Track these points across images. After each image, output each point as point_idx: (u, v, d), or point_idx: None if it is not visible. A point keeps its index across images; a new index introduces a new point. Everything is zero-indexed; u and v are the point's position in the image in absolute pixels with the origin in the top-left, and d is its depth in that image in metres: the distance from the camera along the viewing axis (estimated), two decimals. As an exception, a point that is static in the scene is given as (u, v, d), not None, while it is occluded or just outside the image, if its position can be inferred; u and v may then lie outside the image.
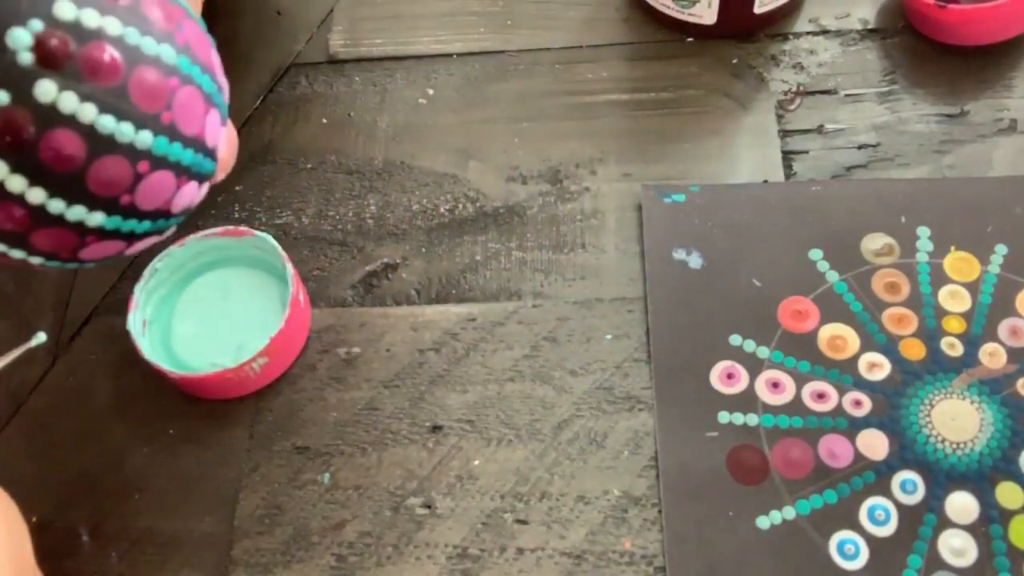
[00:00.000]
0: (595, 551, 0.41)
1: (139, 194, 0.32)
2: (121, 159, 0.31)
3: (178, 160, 0.33)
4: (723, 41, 0.55)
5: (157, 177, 0.32)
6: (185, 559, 0.43)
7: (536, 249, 0.49)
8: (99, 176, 0.31)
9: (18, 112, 0.29)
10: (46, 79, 0.29)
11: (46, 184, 0.30)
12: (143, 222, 0.34)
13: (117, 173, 0.31)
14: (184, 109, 0.32)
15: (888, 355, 0.44)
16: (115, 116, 0.30)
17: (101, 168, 0.31)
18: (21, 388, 0.48)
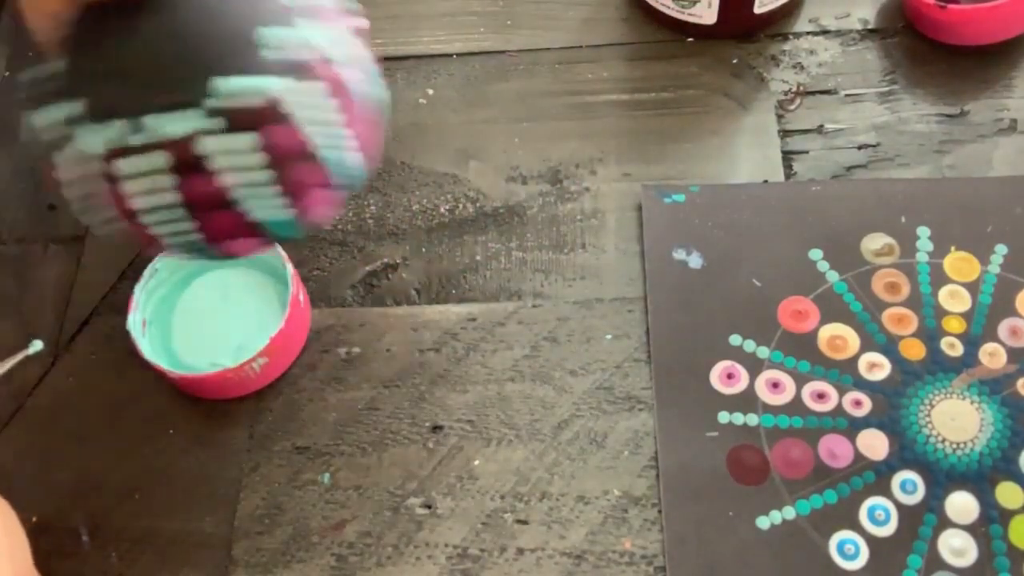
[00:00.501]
0: (595, 551, 0.41)
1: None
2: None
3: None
4: (723, 41, 0.55)
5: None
6: (185, 559, 0.43)
7: (536, 249, 0.49)
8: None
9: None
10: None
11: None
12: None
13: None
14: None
15: (888, 355, 0.44)
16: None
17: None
18: (21, 388, 0.48)
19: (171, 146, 0.32)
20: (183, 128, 0.32)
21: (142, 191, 0.33)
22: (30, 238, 0.52)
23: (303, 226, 0.36)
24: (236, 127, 0.32)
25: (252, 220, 0.35)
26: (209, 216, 0.34)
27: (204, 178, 0.33)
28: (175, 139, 0.32)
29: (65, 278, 0.51)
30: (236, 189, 0.34)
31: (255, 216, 0.35)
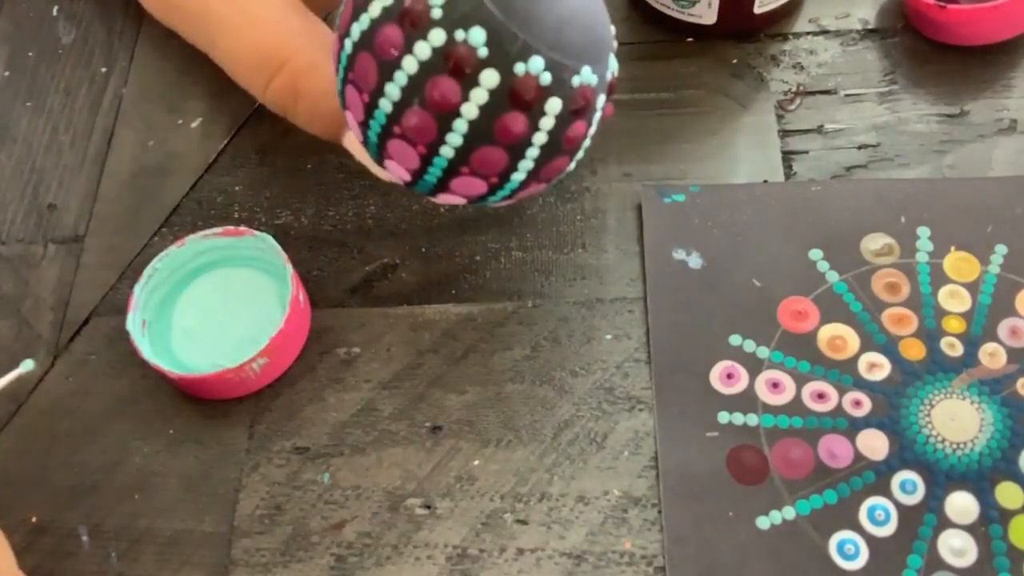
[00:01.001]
0: (595, 551, 0.41)
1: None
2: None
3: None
4: (723, 41, 0.55)
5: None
6: (185, 559, 0.43)
7: (536, 249, 0.49)
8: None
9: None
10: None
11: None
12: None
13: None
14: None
15: (888, 355, 0.44)
16: None
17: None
18: (20, 388, 0.48)
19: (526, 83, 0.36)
20: (589, 80, 0.37)
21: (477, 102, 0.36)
22: (30, 238, 0.52)
23: (502, 204, 0.42)
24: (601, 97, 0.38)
25: (515, 175, 0.38)
26: (489, 150, 0.37)
27: (529, 120, 0.36)
28: (564, 83, 0.36)
29: (65, 278, 0.51)
30: (534, 144, 0.37)
31: (521, 174, 0.38)
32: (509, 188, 0.39)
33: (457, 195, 0.40)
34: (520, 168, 0.38)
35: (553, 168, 0.39)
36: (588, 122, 0.38)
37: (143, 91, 0.57)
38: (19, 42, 0.60)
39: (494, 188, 0.39)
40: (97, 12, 0.61)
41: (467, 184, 0.39)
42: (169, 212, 0.52)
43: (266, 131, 0.55)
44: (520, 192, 0.40)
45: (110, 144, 0.55)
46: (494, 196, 0.40)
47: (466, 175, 0.38)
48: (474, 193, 0.39)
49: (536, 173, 0.39)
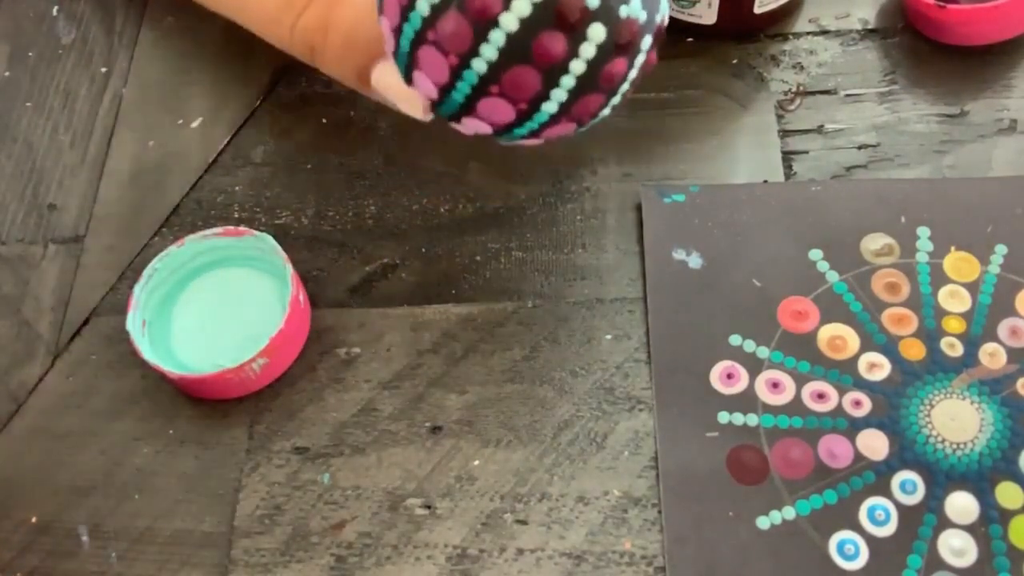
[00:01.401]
0: (595, 551, 0.41)
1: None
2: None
3: None
4: (723, 41, 0.55)
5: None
6: (185, 559, 0.43)
7: (536, 249, 0.49)
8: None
9: None
10: None
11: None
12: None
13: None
14: None
15: (888, 355, 0.44)
16: None
17: None
18: (21, 388, 0.48)
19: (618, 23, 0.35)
20: (637, 15, 0.35)
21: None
22: (30, 238, 0.52)
23: (529, 142, 0.40)
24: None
25: (546, 104, 0.36)
26: (524, 70, 0.35)
27: (570, 42, 0.35)
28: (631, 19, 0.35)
29: (65, 278, 0.51)
30: (571, 72, 0.35)
31: (553, 104, 0.36)
32: (538, 120, 0.37)
33: (483, 120, 0.38)
34: (552, 97, 0.36)
35: (587, 105, 0.37)
36: (630, 61, 0.36)
37: (143, 91, 0.57)
38: (19, 42, 0.60)
39: (522, 117, 0.37)
40: (97, 12, 0.61)
41: (495, 107, 0.37)
42: (169, 212, 0.52)
43: (266, 131, 0.55)
44: (548, 128, 0.38)
45: (110, 144, 0.55)
46: (520, 128, 0.38)
47: (495, 96, 0.36)
48: (501, 120, 0.37)
49: (568, 107, 0.36)
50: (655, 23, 0.37)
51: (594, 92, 0.37)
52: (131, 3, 0.61)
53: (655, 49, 0.38)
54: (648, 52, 0.37)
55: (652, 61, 0.38)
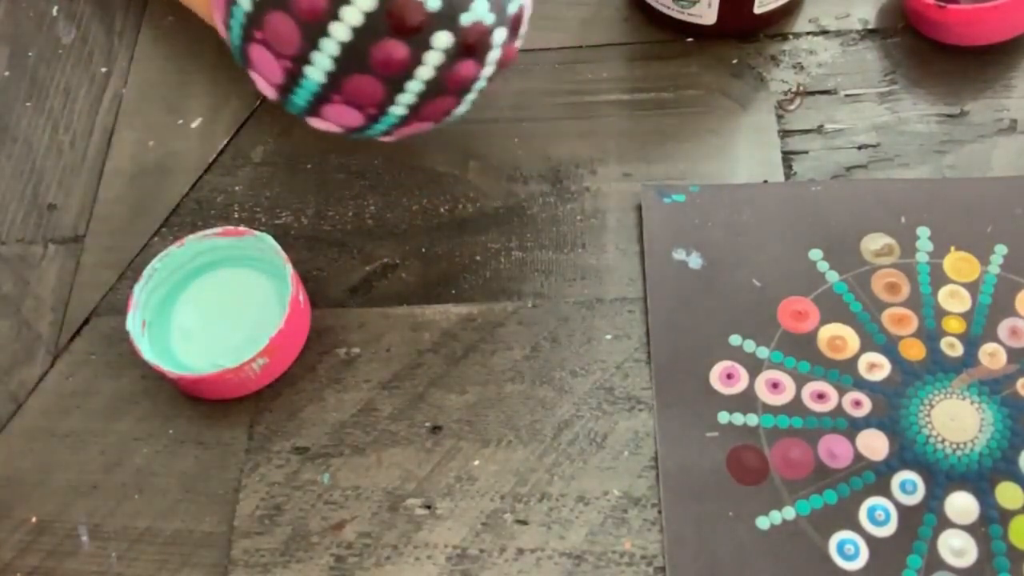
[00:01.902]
0: (595, 551, 0.41)
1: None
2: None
3: None
4: (723, 41, 0.55)
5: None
6: (185, 559, 0.43)
7: (536, 249, 0.49)
8: None
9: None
10: None
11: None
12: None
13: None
14: None
15: (888, 355, 0.44)
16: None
17: None
18: (21, 388, 0.48)
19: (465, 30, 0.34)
20: (482, 17, 0.35)
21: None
22: (30, 238, 0.52)
23: (384, 139, 0.41)
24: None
25: (393, 109, 0.36)
26: (435, 99, 0.36)
27: (412, 50, 0.34)
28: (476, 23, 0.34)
29: (64, 278, 0.51)
30: (417, 79, 0.35)
31: (401, 108, 0.36)
32: (387, 123, 0.36)
33: (330, 122, 0.37)
34: (400, 102, 0.35)
35: (438, 107, 0.36)
36: (481, 61, 0.35)
37: (143, 91, 0.57)
38: (19, 42, 0.60)
39: (371, 120, 0.36)
40: (97, 12, 0.61)
41: (340, 113, 0.36)
42: (169, 212, 0.52)
43: (266, 131, 0.55)
44: (401, 129, 0.37)
45: (110, 144, 0.55)
46: (371, 130, 0.37)
47: (338, 103, 0.35)
48: (349, 124, 0.36)
49: (418, 111, 0.36)
50: (507, 17, 0.35)
51: (445, 95, 0.36)
52: (131, 3, 0.61)
53: (514, 41, 0.37)
54: (504, 47, 0.36)
55: (510, 55, 0.37)
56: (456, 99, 0.36)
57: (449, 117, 0.37)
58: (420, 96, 0.35)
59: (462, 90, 0.36)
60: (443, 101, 0.36)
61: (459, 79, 0.35)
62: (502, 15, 0.35)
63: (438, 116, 0.37)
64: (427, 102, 0.35)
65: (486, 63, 0.35)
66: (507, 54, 0.36)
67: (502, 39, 0.35)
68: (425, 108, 0.36)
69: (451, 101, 0.36)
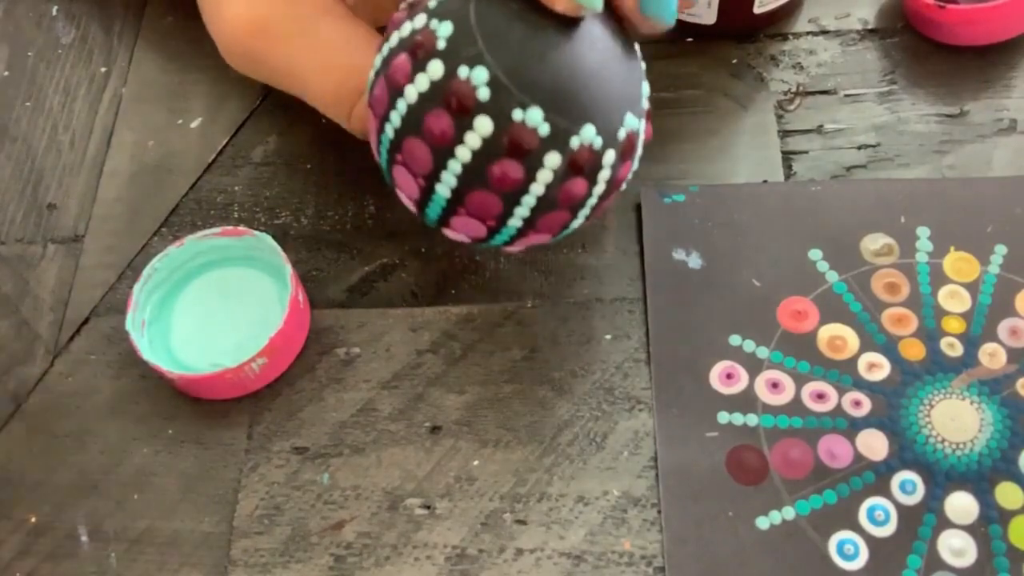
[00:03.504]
0: (594, 551, 0.41)
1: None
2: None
3: None
4: (723, 41, 0.55)
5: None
6: (184, 559, 0.43)
7: (536, 249, 0.49)
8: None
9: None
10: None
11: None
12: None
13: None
14: None
15: (888, 355, 0.44)
16: None
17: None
18: (20, 388, 0.48)
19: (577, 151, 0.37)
20: (591, 140, 0.37)
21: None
22: (29, 238, 0.52)
23: (512, 250, 0.45)
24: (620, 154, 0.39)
25: (511, 221, 0.39)
26: (548, 213, 0.38)
27: (526, 169, 0.37)
28: (588, 146, 0.37)
29: (64, 278, 0.51)
30: (530, 194, 0.38)
31: (517, 220, 0.39)
32: (507, 234, 0.40)
33: (459, 232, 0.41)
34: (516, 215, 0.38)
35: (552, 221, 0.39)
36: (591, 180, 0.38)
37: (143, 91, 0.57)
38: (19, 42, 0.60)
39: (492, 232, 0.40)
40: (96, 12, 0.61)
41: (466, 224, 0.39)
42: (169, 212, 0.52)
43: (266, 131, 0.55)
44: (520, 240, 0.40)
45: (110, 144, 0.55)
46: (493, 240, 0.40)
47: (463, 215, 0.39)
48: (473, 234, 0.40)
49: (533, 223, 0.39)
50: (619, 139, 0.38)
51: (557, 210, 0.39)
52: (131, 3, 0.61)
53: (626, 162, 0.39)
54: (615, 167, 0.39)
55: (623, 175, 0.40)
56: (569, 214, 0.39)
57: (566, 229, 0.40)
58: (533, 210, 0.38)
59: (574, 206, 0.39)
60: (556, 215, 0.39)
61: (570, 196, 0.38)
62: (612, 139, 0.38)
63: (554, 229, 0.40)
64: (541, 216, 0.38)
65: (596, 182, 0.38)
66: (619, 174, 0.39)
67: (611, 161, 0.38)
68: (540, 221, 0.39)
69: (564, 215, 0.39)
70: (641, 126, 0.40)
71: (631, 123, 0.39)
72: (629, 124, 0.38)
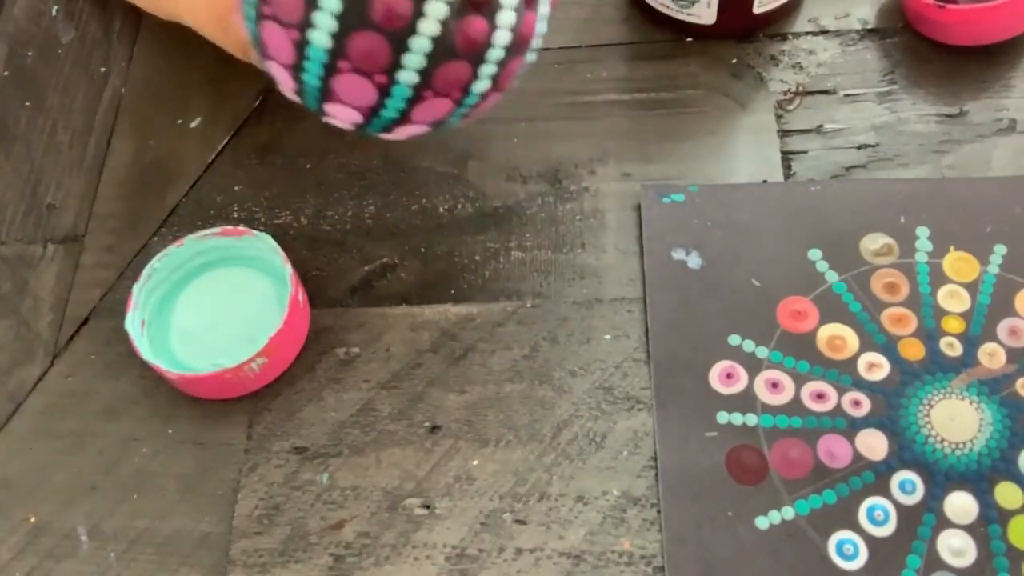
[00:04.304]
0: (594, 551, 0.41)
1: None
2: None
3: None
4: (722, 41, 0.55)
5: None
6: (183, 559, 0.43)
7: (535, 249, 0.49)
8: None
9: None
10: None
11: None
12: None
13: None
14: None
15: (887, 355, 0.44)
16: None
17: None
18: (20, 388, 0.48)
19: None
20: None
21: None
22: (29, 238, 0.52)
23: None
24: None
25: (477, 85, 0.35)
26: (454, 65, 0.34)
27: (488, 19, 0.33)
28: None
29: (64, 278, 0.51)
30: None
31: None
32: (401, 97, 0.35)
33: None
34: (408, 65, 0.33)
35: (451, 76, 0.35)
36: (491, 21, 0.34)
37: (142, 91, 0.57)
38: (18, 42, 0.60)
39: (383, 95, 0.35)
40: (96, 12, 0.61)
41: (351, 86, 0.34)
42: (169, 212, 0.52)
43: (266, 131, 0.55)
44: (417, 108, 0.35)
45: (109, 144, 0.55)
46: (385, 110, 0.36)
47: (347, 73, 0.34)
48: (361, 101, 0.35)
49: (430, 79, 0.34)
50: None
51: (455, 59, 0.34)
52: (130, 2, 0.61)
53: (533, 11, 0.35)
54: (518, 12, 0.34)
55: (528, 29, 0.35)
56: (469, 67, 0.35)
57: (468, 98, 0.36)
58: (429, 57, 0.34)
59: (474, 55, 0.34)
60: (455, 67, 0.34)
61: (468, 39, 0.33)
62: None
63: (454, 90, 0.35)
64: (438, 66, 0.34)
65: (498, 25, 0.34)
66: (525, 25, 0.35)
67: (513, 1, 0.34)
68: (437, 75, 0.34)
69: (464, 69, 0.35)
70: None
71: None
72: None
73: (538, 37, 0.36)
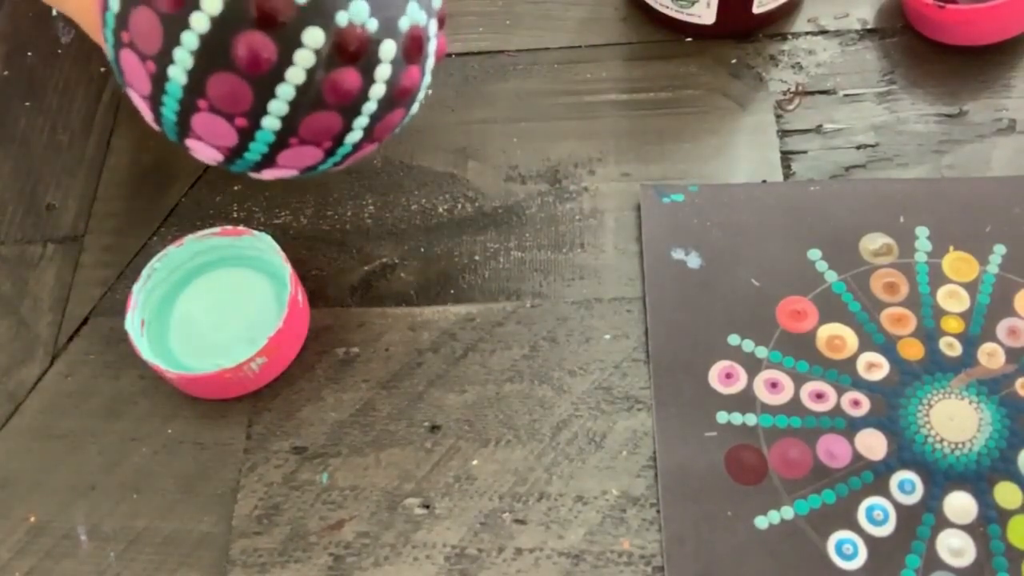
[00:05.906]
0: (593, 551, 0.41)
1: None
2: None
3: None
4: (722, 41, 0.55)
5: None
6: (183, 559, 0.43)
7: (535, 249, 0.49)
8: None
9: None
10: None
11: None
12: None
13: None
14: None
15: (887, 355, 0.44)
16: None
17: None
18: (19, 388, 0.48)
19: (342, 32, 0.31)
20: (418, 19, 0.33)
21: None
22: (28, 238, 0.52)
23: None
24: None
25: (350, 136, 0.34)
26: (321, 116, 0.33)
27: (363, 73, 0.32)
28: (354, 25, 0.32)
29: (63, 278, 0.51)
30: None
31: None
32: (263, 140, 0.33)
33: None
34: (271, 110, 0.32)
35: (318, 125, 0.33)
36: (366, 75, 0.32)
37: (142, 91, 0.57)
38: (18, 42, 0.60)
39: (244, 137, 0.33)
40: (96, 12, 0.61)
41: (210, 125, 0.33)
42: (168, 212, 0.52)
43: (265, 131, 0.55)
44: (281, 153, 0.34)
45: (109, 144, 0.55)
46: (248, 152, 0.34)
47: (205, 112, 0.32)
48: (220, 141, 0.34)
49: (294, 126, 0.33)
50: (400, 32, 0.32)
51: (323, 110, 0.33)
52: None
53: (416, 65, 0.34)
54: (396, 66, 0.33)
55: (409, 83, 0.34)
56: (340, 118, 0.33)
57: (341, 149, 0.34)
58: (293, 105, 0.32)
59: (345, 107, 0.33)
60: (323, 117, 0.33)
61: (338, 90, 0.32)
62: (391, 28, 0.32)
63: (321, 138, 0.34)
64: (304, 115, 0.33)
65: (374, 80, 0.33)
66: (404, 79, 0.34)
67: (392, 55, 0.33)
68: (303, 123, 0.33)
69: (333, 119, 0.33)
70: (431, 27, 0.34)
71: (416, 15, 0.33)
72: (414, 15, 0.33)
73: (422, 89, 0.35)
